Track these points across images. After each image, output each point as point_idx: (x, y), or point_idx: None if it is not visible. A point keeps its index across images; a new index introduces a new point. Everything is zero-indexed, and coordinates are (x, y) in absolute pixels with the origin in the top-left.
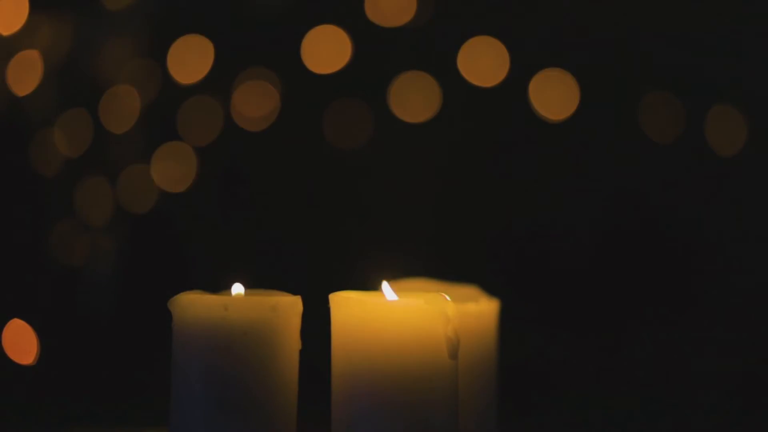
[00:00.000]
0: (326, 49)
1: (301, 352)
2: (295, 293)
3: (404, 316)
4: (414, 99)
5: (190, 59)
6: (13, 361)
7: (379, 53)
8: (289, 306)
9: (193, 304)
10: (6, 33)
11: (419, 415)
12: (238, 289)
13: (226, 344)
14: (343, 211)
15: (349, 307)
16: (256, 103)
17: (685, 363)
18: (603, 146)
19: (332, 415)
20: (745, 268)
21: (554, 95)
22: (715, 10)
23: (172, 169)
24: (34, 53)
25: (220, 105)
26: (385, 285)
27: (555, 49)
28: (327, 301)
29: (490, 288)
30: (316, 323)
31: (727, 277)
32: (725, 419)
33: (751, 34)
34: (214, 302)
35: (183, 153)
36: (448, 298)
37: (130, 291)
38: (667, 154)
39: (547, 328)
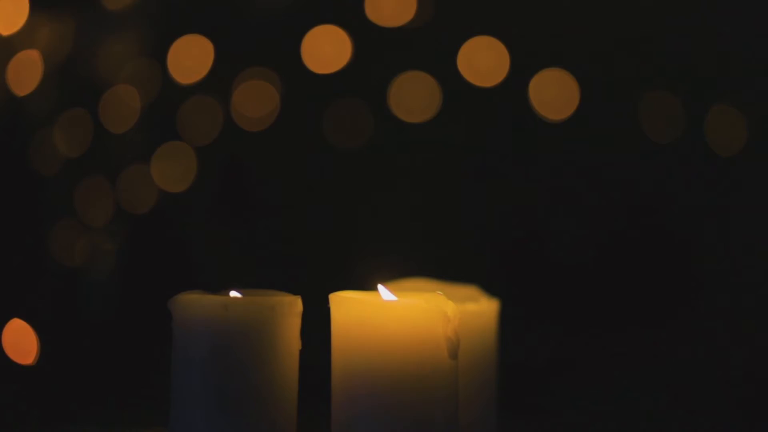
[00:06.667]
0: (326, 49)
1: (301, 352)
2: (295, 293)
3: (404, 316)
4: (414, 99)
5: (190, 59)
6: (13, 361)
7: (379, 53)
8: (289, 306)
9: (193, 304)
10: (6, 33)
11: (419, 415)
12: (234, 295)
13: (226, 344)
14: (343, 210)
15: (348, 307)
16: (256, 103)
17: (685, 362)
18: (603, 146)
19: (332, 415)
20: (746, 267)
21: (554, 95)
22: (714, 10)
23: (172, 169)
24: (34, 53)
25: (220, 105)
26: (380, 288)
27: (555, 49)
28: (327, 301)
29: (490, 288)
30: (316, 323)
31: (727, 276)
32: (726, 419)
33: (751, 33)
34: (214, 302)
35: (183, 153)
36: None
37: (130, 291)
38: (667, 154)
39: (547, 328)
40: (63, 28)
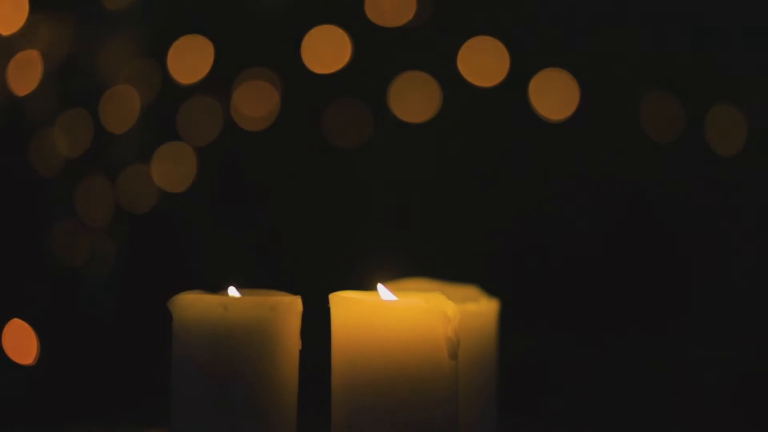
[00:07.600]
0: (326, 49)
1: (301, 352)
2: (295, 293)
3: (404, 316)
4: (414, 99)
5: (190, 59)
6: (13, 361)
7: (379, 53)
8: (289, 306)
9: (193, 304)
10: (6, 33)
11: (419, 415)
12: (233, 292)
13: (225, 344)
14: (343, 210)
15: (348, 307)
16: (256, 103)
17: (684, 363)
18: (603, 146)
19: (332, 415)
20: (745, 267)
21: (554, 95)
22: (715, 10)
23: (172, 169)
24: (34, 53)
25: (220, 105)
26: (380, 287)
27: (555, 49)
28: (327, 301)
29: (490, 288)
30: (316, 323)
31: (727, 276)
32: (724, 419)
33: (751, 33)
34: (214, 302)
35: (183, 153)
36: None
37: (130, 291)
38: (667, 154)
39: (546, 328)
40: (63, 28)
